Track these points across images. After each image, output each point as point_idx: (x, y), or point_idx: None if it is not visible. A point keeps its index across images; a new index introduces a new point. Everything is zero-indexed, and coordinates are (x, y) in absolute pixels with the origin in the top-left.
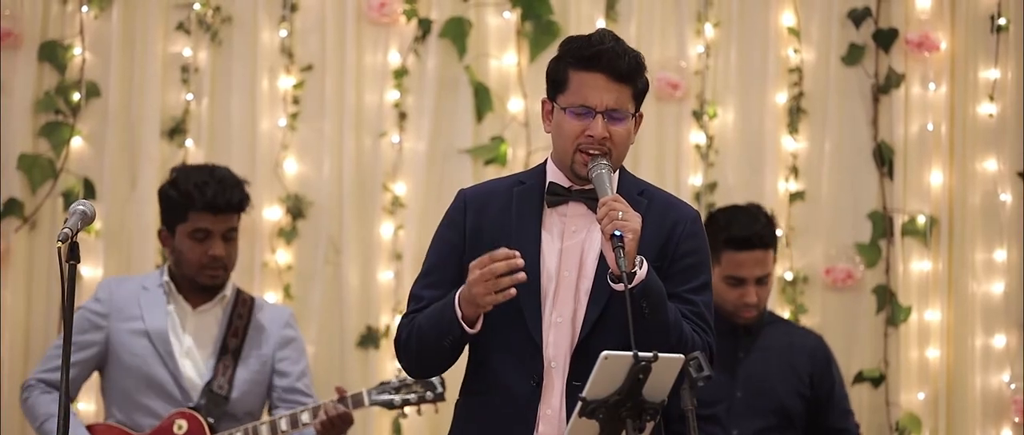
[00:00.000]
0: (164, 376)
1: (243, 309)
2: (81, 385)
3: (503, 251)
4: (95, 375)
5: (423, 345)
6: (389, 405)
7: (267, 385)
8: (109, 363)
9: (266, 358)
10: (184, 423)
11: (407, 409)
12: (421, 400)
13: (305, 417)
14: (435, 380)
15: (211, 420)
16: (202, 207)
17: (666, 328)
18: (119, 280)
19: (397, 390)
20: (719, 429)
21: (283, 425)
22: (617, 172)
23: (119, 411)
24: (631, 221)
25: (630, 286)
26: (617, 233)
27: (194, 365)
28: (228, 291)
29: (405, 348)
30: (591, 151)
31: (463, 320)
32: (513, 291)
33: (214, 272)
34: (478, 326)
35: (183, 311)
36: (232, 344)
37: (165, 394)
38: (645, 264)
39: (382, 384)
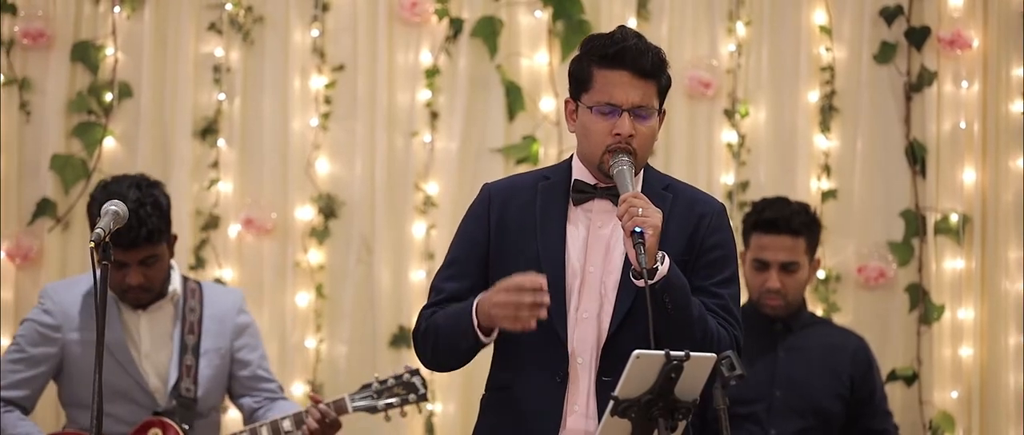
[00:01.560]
0: (127, 384)
1: (194, 301)
2: (37, 398)
3: (532, 280)
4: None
5: (439, 343)
6: (371, 410)
7: (227, 375)
8: (65, 373)
9: (225, 350)
10: (159, 431)
11: (390, 413)
12: (404, 402)
13: (287, 424)
14: (416, 381)
15: (186, 426)
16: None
17: (690, 323)
18: (62, 286)
19: (379, 394)
20: (758, 428)
21: (264, 433)
22: (641, 170)
23: (82, 420)
24: (651, 217)
25: (652, 282)
26: (637, 229)
27: (155, 368)
28: (176, 284)
29: (422, 340)
30: (615, 148)
31: (479, 328)
32: (533, 324)
33: (135, 296)
34: (494, 336)
35: (135, 315)
36: (190, 341)
37: (131, 400)
38: (667, 260)
39: (363, 387)
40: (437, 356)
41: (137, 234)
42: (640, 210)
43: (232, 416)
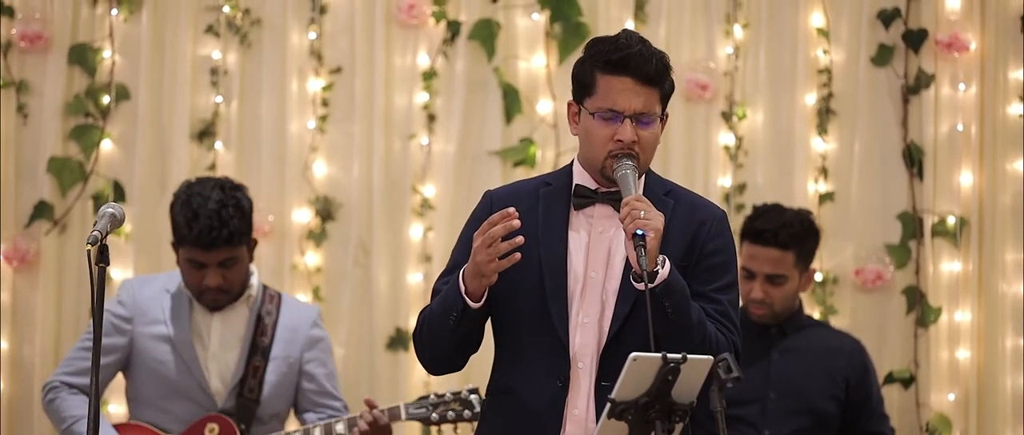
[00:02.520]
0: (189, 383)
1: (271, 306)
2: (106, 388)
3: (499, 213)
4: (120, 379)
5: (432, 328)
6: (425, 421)
7: (294, 387)
8: (133, 366)
9: (294, 360)
10: (215, 427)
11: (443, 427)
12: (458, 418)
13: (339, 427)
14: (474, 399)
15: (243, 426)
16: (191, 243)
17: (689, 328)
18: (142, 281)
19: (435, 407)
20: (751, 430)
21: (317, 433)
22: (643, 175)
23: (144, 414)
24: (653, 220)
25: (652, 285)
26: (639, 232)
27: (219, 369)
28: (254, 289)
29: (418, 336)
30: (618, 153)
31: (467, 295)
32: (517, 255)
33: (213, 297)
34: (482, 301)
35: (207, 314)
36: (261, 343)
37: (191, 399)
38: (668, 263)
39: (420, 399)
40: (432, 344)
41: (218, 235)
42: (642, 213)
43: None
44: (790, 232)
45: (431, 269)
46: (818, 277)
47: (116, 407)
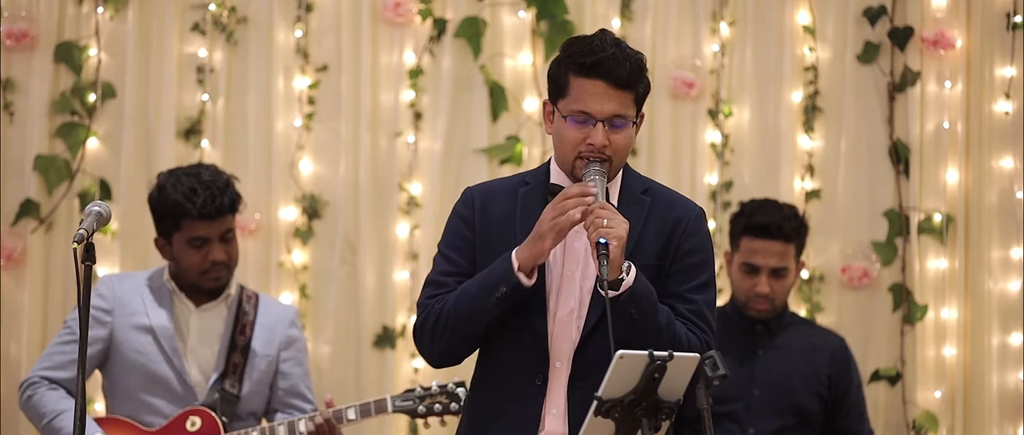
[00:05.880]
0: (169, 374)
1: (249, 306)
2: (86, 380)
3: (578, 186)
4: (97, 375)
5: (460, 316)
6: (412, 412)
7: (270, 385)
8: (112, 360)
9: (272, 358)
10: (198, 420)
11: (430, 419)
12: (445, 410)
13: (302, 426)
14: (460, 392)
15: (225, 419)
16: (195, 215)
17: (657, 332)
18: (120, 277)
19: (421, 399)
20: (736, 427)
21: (281, 432)
22: (619, 174)
23: (123, 407)
24: (616, 228)
25: (617, 293)
26: (602, 240)
27: (199, 363)
28: (232, 289)
29: (432, 329)
30: (589, 157)
31: (520, 270)
32: (578, 214)
33: (217, 275)
34: (534, 277)
35: (187, 309)
36: (241, 342)
37: (170, 392)
38: (633, 270)
39: (407, 392)
40: (456, 325)
41: (222, 203)
42: (606, 221)
43: None
44: (792, 225)
45: (418, 267)
46: (804, 274)
47: (102, 405)
